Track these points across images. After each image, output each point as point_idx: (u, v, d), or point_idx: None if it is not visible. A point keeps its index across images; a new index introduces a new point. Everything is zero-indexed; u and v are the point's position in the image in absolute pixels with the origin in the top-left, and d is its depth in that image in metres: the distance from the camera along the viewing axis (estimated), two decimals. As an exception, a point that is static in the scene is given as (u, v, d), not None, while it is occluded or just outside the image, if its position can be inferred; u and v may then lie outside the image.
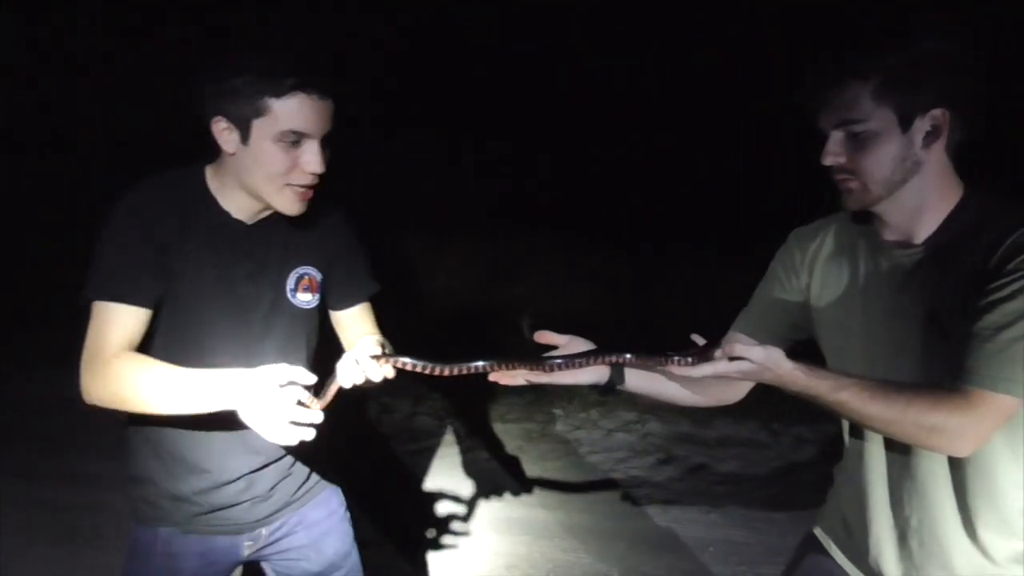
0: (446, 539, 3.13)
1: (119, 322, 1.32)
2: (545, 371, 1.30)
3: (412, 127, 7.54)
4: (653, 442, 4.03)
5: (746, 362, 1.13)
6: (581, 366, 1.31)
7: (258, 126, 1.30)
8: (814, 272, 1.42)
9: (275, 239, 1.47)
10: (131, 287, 1.33)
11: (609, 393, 1.39)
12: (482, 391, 4.67)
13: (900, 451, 1.28)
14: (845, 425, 1.43)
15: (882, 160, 1.20)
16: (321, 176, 1.36)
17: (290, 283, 1.49)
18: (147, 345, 1.38)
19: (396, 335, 1.53)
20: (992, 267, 1.15)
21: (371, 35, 7.82)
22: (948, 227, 1.24)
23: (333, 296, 1.60)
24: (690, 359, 1.18)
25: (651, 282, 6.06)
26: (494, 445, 4.07)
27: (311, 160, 1.33)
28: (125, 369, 1.29)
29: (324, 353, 1.53)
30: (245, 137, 1.32)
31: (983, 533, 1.24)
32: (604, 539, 3.14)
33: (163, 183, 1.41)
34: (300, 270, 1.50)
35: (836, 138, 1.22)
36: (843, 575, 1.44)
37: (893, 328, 1.28)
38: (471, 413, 4.42)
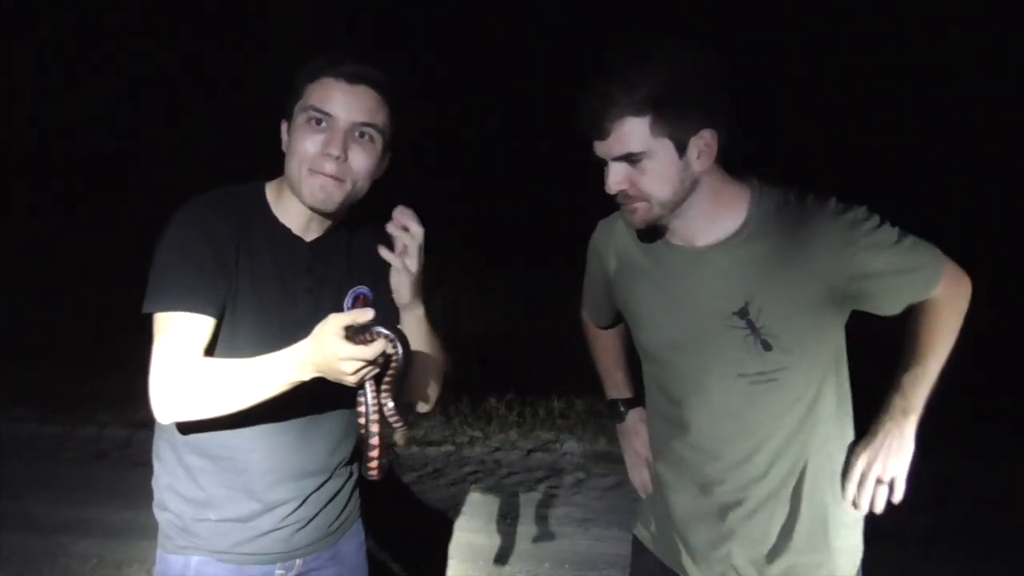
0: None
1: (189, 331, 1.30)
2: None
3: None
4: (571, 461, 4.08)
5: None
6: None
7: (296, 110, 1.35)
8: (612, 256, 1.53)
9: (336, 258, 1.46)
10: (197, 296, 1.31)
11: None
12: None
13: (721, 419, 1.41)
14: (651, 421, 1.55)
15: (664, 184, 1.29)
16: (352, 175, 1.34)
17: (348, 303, 1.47)
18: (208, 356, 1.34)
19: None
20: (834, 247, 1.28)
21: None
22: (739, 232, 1.34)
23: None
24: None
25: (556, 303, 6.12)
26: (412, 469, 4.00)
27: (329, 141, 1.32)
28: (209, 374, 1.28)
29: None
30: (290, 125, 1.37)
31: (816, 494, 1.37)
32: (528, 560, 3.14)
33: (220, 195, 1.41)
34: (357, 290, 1.48)
35: (617, 168, 1.30)
36: (662, 566, 1.52)
37: (703, 322, 1.37)
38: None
